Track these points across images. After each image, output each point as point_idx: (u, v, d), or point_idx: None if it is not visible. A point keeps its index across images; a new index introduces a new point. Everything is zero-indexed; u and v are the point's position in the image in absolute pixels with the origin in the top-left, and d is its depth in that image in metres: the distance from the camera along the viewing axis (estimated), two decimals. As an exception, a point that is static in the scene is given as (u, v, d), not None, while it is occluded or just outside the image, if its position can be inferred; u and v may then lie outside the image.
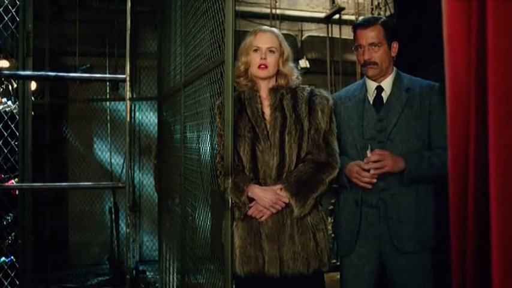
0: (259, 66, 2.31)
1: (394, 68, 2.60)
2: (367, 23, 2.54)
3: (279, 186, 2.22)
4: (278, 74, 2.38)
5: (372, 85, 2.59)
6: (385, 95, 2.56)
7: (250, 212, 2.22)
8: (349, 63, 7.00)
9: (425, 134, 2.47)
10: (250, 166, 2.27)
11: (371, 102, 2.57)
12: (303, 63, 6.82)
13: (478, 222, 0.98)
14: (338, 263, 6.23)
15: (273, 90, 2.37)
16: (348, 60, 7.03)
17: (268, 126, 2.29)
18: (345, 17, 7.00)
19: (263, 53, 2.30)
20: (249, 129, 2.29)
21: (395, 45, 2.55)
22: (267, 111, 2.33)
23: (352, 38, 2.67)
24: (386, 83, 2.56)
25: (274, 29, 2.43)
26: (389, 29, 2.53)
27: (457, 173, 1.08)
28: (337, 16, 6.96)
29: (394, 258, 2.45)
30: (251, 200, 2.22)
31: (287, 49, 2.39)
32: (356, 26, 2.61)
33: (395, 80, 2.56)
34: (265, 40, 2.32)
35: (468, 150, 1.00)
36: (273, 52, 2.32)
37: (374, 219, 2.47)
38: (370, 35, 2.51)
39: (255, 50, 2.32)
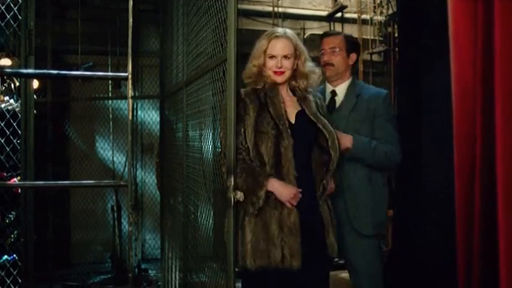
0: (275, 73, 2.43)
1: (351, 77, 2.98)
2: (332, 33, 3.10)
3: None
4: (298, 74, 2.50)
5: (328, 89, 2.98)
6: (338, 100, 2.94)
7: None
8: (351, 61, 6.98)
9: (370, 133, 2.82)
10: (273, 162, 2.34)
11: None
12: (306, 61, 6.80)
13: (484, 220, 0.98)
14: (341, 261, 6.20)
15: (292, 90, 2.53)
16: (350, 58, 7.01)
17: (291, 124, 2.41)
18: (347, 15, 6.98)
19: (279, 61, 2.41)
20: (272, 127, 2.37)
21: (353, 56, 2.97)
22: (289, 110, 2.46)
23: (354, 36, 3.03)
24: (341, 89, 2.95)
25: (288, 32, 2.50)
26: (349, 41, 2.98)
27: (463, 172, 1.07)
28: (339, 14, 6.94)
29: (352, 241, 2.79)
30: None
31: (303, 50, 2.51)
32: (323, 35, 3.05)
33: (349, 87, 2.94)
34: (279, 48, 2.42)
35: (475, 148, 0.99)
36: (288, 58, 2.43)
37: (339, 206, 2.72)
38: (332, 41, 2.94)
39: (271, 57, 2.42)
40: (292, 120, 2.44)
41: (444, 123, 3.68)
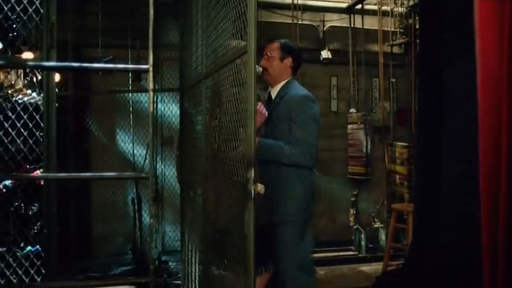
0: None
1: (288, 79, 3.34)
2: (271, 41, 3.37)
3: None
4: None
5: (269, 89, 3.41)
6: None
7: None
8: (371, 53, 6.92)
9: (285, 131, 3.17)
10: None
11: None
12: (325, 53, 6.77)
13: (510, 211, 0.96)
14: (360, 255, 6.18)
15: None
16: (371, 50, 6.95)
17: None
18: (367, 6, 6.91)
19: None
20: None
21: (287, 61, 3.32)
22: None
23: (374, 28, 3.20)
24: (274, 91, 3.35)
25: None
26: (284, 47, 3.33)
27: (488, 163, 1.05)
28: (359, 6, 6.88)
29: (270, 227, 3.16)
30: None
31: None
32: (267, 42, 3.43)
33: (281, 89, 3.31)
34: None
35: (500, 139, 0.97)
36: None
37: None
38: (269, 48, 3.35)
39: None
40: None
41: (464, 118, 3.66)
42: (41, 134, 3.13)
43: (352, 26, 6.99)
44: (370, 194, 6.95)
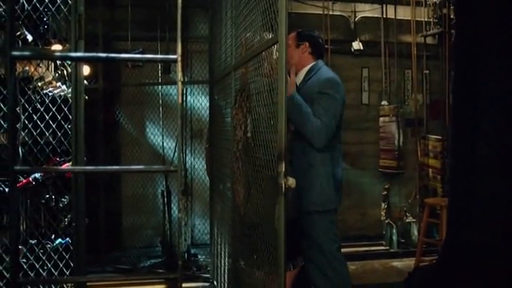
0: None
1: (312, 64, 3.33)
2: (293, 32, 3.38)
3: None
4: None
5: None
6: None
7: None
8: (404, 44, 6.77)
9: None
10: None
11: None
12: (357, 45, 6.65)
13: None
14: (392, 250, 6.10)
15: None
16: (403, 41, 6.80)
17: None
18: (400, -4, 6.76)
19: None
20: None
21: (303, 46, 3.33)
22: None
23: (406, 18, 3.22)
24: (299, 76, 3.35)
25: None
26: (300, 35, 3.36)
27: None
28: (392, -4, 6.74)
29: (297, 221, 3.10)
30: None
31: None
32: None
33: (306, 74, 3.32)
34: None
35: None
36: None
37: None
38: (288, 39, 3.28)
39: None
40: None
41: (504, 117, 3.53)
42: (69, 126, 3.13)
43: (384, 16, 6.85)
44: (402, 188, 6.84)
